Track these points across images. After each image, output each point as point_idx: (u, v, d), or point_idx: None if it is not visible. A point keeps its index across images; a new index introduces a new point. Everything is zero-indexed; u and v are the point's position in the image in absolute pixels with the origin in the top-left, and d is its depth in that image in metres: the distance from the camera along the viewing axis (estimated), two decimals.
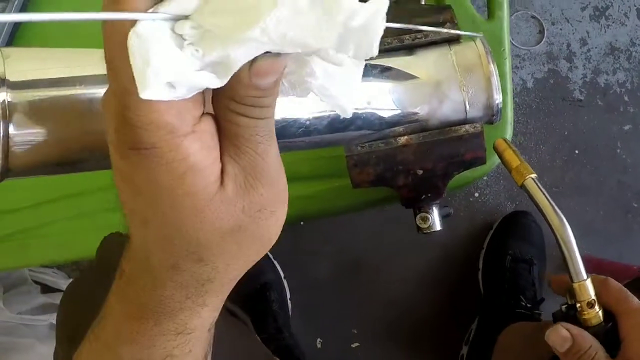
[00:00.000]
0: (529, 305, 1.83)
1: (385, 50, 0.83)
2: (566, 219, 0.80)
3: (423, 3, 0.97)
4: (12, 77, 0.53)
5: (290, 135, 0.69)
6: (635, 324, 0.79)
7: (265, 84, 0.43)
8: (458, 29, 0.85)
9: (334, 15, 0.40)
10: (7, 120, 0.52)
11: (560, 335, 0.80)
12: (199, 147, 0.44)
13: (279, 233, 0.53)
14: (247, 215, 0.48)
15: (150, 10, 0.40)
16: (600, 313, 0.80)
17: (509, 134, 1.09)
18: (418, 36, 0.84)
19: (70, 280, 1.92)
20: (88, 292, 0.59)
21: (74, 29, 1.14)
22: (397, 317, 2.05)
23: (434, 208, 0.91)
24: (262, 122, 0.45)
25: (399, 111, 0.79)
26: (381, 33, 0.42)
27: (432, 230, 0.91)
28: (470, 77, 0.81)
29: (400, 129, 0.82)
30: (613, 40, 2.16)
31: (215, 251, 0.49)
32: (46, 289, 1.97)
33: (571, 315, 0.82)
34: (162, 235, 0.48)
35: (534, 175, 0.79)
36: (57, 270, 2.00)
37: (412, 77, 0.81)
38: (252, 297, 1.90)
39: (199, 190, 0.45)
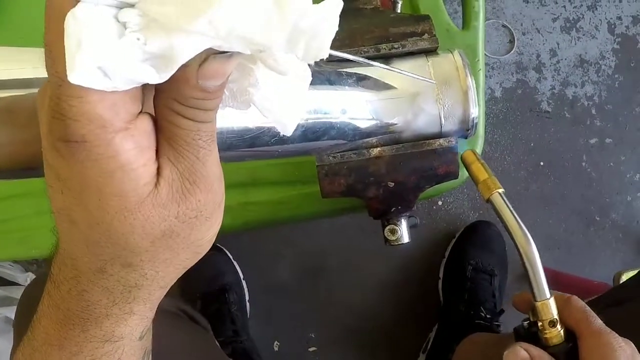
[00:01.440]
0: (488, 316, 1.84)
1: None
2: (528, 230, 0.79)
3: (399, 11, 0.96)
4: None
5: (263, 144, 0.67)
6: (594, 347, 0.77)
7: (212, 86, 0.41)
8: (436, 40, 0.84)
9: (285, 12, 0.38)
10: None
11: (519, 356, 0.79)
12: (132, 146, 0.42)
13: (213, 240, 0.52)
14: (181, 221, 0.47)
15: None
16: (562, 332, 0.79)
17: (479, 147, 1.08)
18: (395, 46, 0.83)
19: (28, 273, 1.91)
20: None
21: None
22: (355, 323, 2.05)
23: (402, 220, 0.89)
24: (204, 126, 0.44)
25: (374, 122, 0.78)
26: (332, 35, 0.40)
27: (400, 243, 0.90)
28: (446, 90, 0.79)
29: (373, 140, 0.81)
30: (583, 52, 2.16)
31: (144, 257, 0.47)
32: (2, 281, 1.95)
33: (532, 332, 0.81)
34: (89, 236, 0.46)
35: (501, 190, 0.78)
36: (14, 263, 1.96)
37: (389, 87, 0.79)
38: (211, 298, 1.89)
39: (129, 191, 0.43)
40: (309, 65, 0.46)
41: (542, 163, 2.10)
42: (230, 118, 0.63)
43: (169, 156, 0.44)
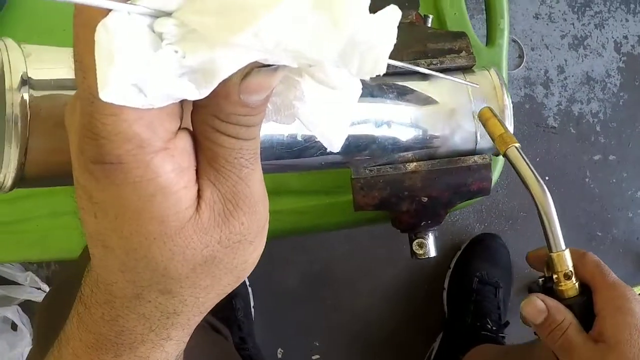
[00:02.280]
0: (494, 328, 1.84)
1: (399, 73, 0.81)
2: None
3: (430, 26, 0.96)
4: (34, 75, 0.49)
5: (309, 155, 0.67)
6: (609, 299, 0.78)
7: (255, 102, 0.39)
8: (473, 58, 0.84)
9: (339, 24, 0.35)
10: (27, 122, 0.49)
11: (535, 306, 0.79)
12: (172, 167, 0.39)
13: (255, 262, 0.49)
14: (224, 246, 0.44)
15: (128, 2, 0.34)
16: (577, 285, 0.79)
17: (499, 167, 1.09)
18: (434, 62, 0.84)
19: (27, 273, 1.89)
20: (68, 300, 0.54)
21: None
22: (359, 331, 2.05)
23: (430, 234, 0.90)
24: (247, 144, 0.41)
25: (415, 136, 0.78)
26: (390, 49, 0.38)
27: (427, 257, 0.90)
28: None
29: (409, 154, 0.81)
30: (589, 70, 2.18)
31: (184, 284, 0.44)
32: (1, 280, 1.93)
33: (547, 287, 0.82)
34: (125, 263, 0.42)
35: (517, 145, 0.77)
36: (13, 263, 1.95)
37: (430, 101, 0.80)
38: (219, 305, 1.87)
39: (169, 215, 0.40)
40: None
41: (547, 177, 2.11)
42: (280, 129, 0.63)
43: (210, 177, 0.42)
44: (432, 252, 0.90)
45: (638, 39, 2.21)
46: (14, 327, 1.89)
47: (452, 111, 0.80)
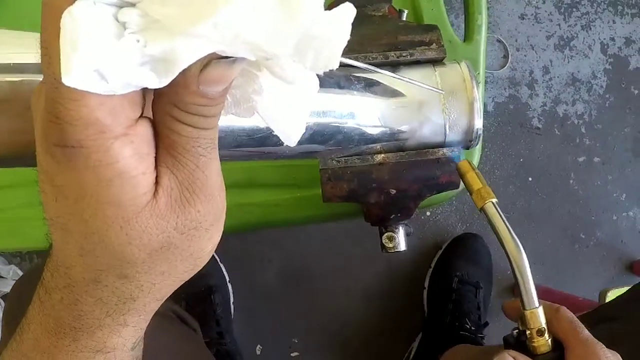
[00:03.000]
0: (472, 328, 1.84)
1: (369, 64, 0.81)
2: None
3: (404, 19, 0.96)
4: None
5: (272, 144, 0.67)
6: (581, 356, 0.78)
7: (213, 93, 0.39)
8: (444, 50, 0.84)
9: (294, 18, 0.36)
10: None
11: None
12: (131, 153, 0.40)
13: (212, 252, 0.50)
14: (180, 233, 0.45)
15: None
16: (550, 341, 0.80)
17: (476, 159, 1.09)
18: (403, 54, 0.83)
19: (11, 266, 1.89)
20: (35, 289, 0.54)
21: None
22: (338, 329, 2.04)
23: (400, 228, 0.90)
24: (205, 133, 0.42)
25: (382, 128, 0.78)
26: (344, 44, 0.39)
27: (397, 250, 0.90)
28: (453, 101, 0.80)
29: (377, 146, 0.81)
30: (575, 71, 2.17)
31: (140, 269, 0.45)
32: None
33: (521, 341, 0.82)
34: (83, 246, 0.43)
35: (494, 200, 0.78)
36: None
37: (397, 94, 0.79)
38: (196, 299, 1.87)
39: (127, 200, 0.41)
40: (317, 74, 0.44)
41: (530, 179, 2.11)
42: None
43: (168, 164, 0.43)
44: (402, 246, 0.90)
45: (625, 41, 2.21)
46: None
47: (420, 104, 0.80)
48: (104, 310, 0.48)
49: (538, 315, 0.79)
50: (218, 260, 1.99)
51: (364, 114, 0.76)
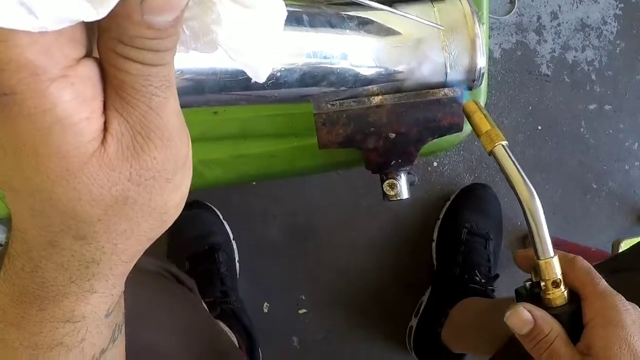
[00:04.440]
0: (482, 280, 1.82)
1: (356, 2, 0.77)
2: None
3: None
4: None
5: (259, 87, 0.63)
6: (599, 309, 0.74)
7: (161, 23, 0.36)
8: None
9: None
10: None
11: (521, 317, 0.76)
12: (72, 96, 0.36)
13: (181, 205, 0.47)
14: (136, 184, 0.41)
15: None
16: (566, 293, 0.76)
17: (482, 102, 1.05)
18: None
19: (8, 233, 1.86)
20: None
21: None
22: (346, 285, 2.03)
23: (402, 175, 0.86)
24: (157, 70, 0.38)
25: (377, 69, 0.74)
26: None
27: (399, 199, 0.86)
28: (453, 38, 0.76)
29: (374, 88, 0.77)
30: (584, 16, 2.12)
31: (98, 227, 0.42)
32: None
33: (535, 293, 0.78)
34: (32, 206, 0.40)
35: (504, 142, 0.74)
36: None
37: (393, 32, 0.75)
38: (199, 258, 1.86)
39: (70, 150, 0.37)
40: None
41: (540, 127, 2.07)
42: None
43: (117, 107, 0.39)
44: (405, 194, 0.87)
45: None
46: None
47: (418, 42, 0.76)
48: (67, 277, 0.45)
49: (553, 265, 0.75)
50: (221, 217, 1.97)
51: (358, 53, 0.72)
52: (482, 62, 0.76)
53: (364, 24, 0.74)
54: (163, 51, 0.37)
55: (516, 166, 0.74)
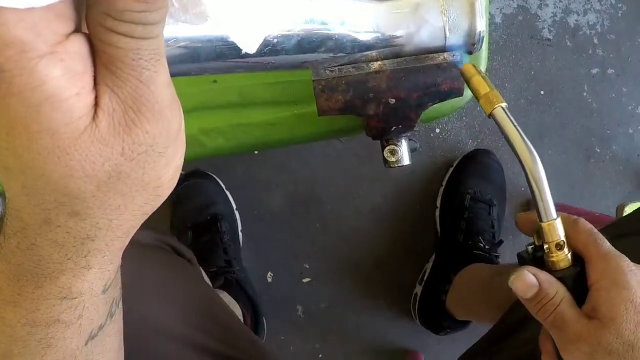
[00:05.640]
0: (487, 246, 1.83)
1: None
2: None
3: None
4: None
5: (255, 54, 0.62)
6: (604, 271, 0.74)
7: None
8: None
9: None
10: None
11: (526, 281, 0.75)
12: (61, 72, 0.36)
13: (175, 178, 0.47)
14: (129, 159, 0.41)
15: None
16: (569, 256, 0.75)
17: (483, 67, 1.04)
18: None
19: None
20: None
21: None
22: (349, 253, 2.03)
23: (403, 141, 0.85)
24: (146, 43, 0.38)
25: (375, 34, 0.73)
26: None
27: (400, 165, 0.86)
28: (452, 1, 0.75)
29: (373, 53, 0.76)
30: None
31: (91, 203, 0.42)
32: None
33: (538, 257, 0.78)
34: (25, 183, 0.40)
35: (504, 104, 0.73)
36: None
37: None
38: (202, 228, 1.86)
39: (61, 126, 0.37)
40: None
41: (542, 92, 2.06)
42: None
43: (108, 82, 0.39)
44: (406, 160, 0.86)
45: None
46: None
47: (416, 5, 0.74)
48: (63, 253, 0.45)
49: (556, 227, 0.74)
50: (223, 187, 1.97)
51: (355, 19, 0.71)
52: (481, 25, 0.75)
53: None
54: (152, 24, 0.37)
55: (516, 128, 0.73)
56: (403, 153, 0.85)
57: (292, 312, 2.04)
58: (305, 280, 2.03)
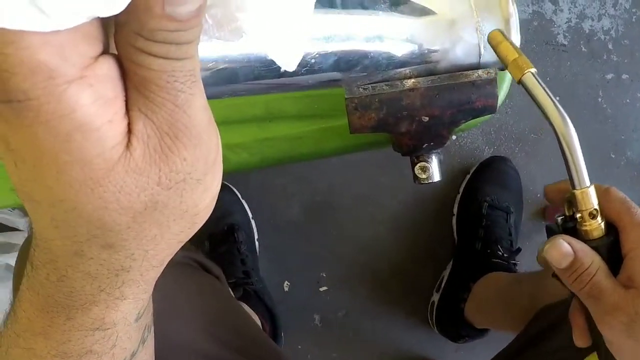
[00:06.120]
0: (505, 255, 1.81)
1: None
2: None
3: None
4: None
5: (293, 74, 0.61)
6: (638, 239, 0.72)
7: (183, 14, 0.33)
8: None
9: None
10: None
11: (561, 250, 0.72)
12: (92, 99, 0.34)
13: (211, 205, 0.45)
14: (166, 188, 0.39)
15: None
16: (603, 225, 0.73)
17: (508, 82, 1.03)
18: None
19: (27, 218, 1.85)
20: None
21: None
22: (366, 261, 2.03)
23: (433, 157, 0.84)
24: (181, 65, 0.35)
25: (411, 50, 0.72)
26: None
27: (431, 181, 0.85)
28: (487, 18, 0.74)
29: (406, 70, 0.75)
30: None
31: (126, 235, 0.40)
32: (1, 227, 1.88)
33: (568, 227, 0.75)
34: (55, 216, 0.38)
35: (533, 70, 0.71)
36: (12, 208, 1.90)
37: (427, 12, 0.73)
38: (219, 239, 1.85)
39: (93, 157, 0.35)
40: None
41: (557, 97, 2.04)
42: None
43: (141, 107, 0.36)
44: (437, 177, 0.85)
45: None
46: None
47: (452, 22, 0.74)
48: (96, 285, 0.44)
49: (590, 195, 0.71)
50: (240, 196, 1.96)
51: (392, 35, 0.71)
52: (516, 41, 0.75)
53: (397, 4, 0.72)
54: (186, 43, 0.35)
55: (547, 93, 0.71)
56: (434, 170, 0.84)
57: (309, 321, 2.03)
58: (322, 289, 2.02)
